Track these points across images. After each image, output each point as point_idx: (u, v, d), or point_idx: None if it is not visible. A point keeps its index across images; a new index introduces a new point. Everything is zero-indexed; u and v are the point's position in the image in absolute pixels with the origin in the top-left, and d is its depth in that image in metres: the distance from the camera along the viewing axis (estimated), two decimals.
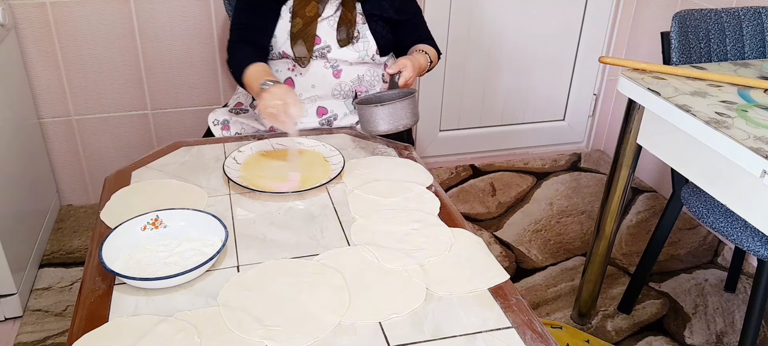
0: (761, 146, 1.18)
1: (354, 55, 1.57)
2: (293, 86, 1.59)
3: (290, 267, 1.05)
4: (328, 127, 1.61)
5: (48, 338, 1.75)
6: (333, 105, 1.61)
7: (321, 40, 1.55)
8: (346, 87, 1.59)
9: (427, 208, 1.23)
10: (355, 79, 1.59)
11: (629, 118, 1.58)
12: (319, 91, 1.59)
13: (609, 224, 1.73)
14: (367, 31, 1.57)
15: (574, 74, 2.79)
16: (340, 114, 1.61)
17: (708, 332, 1.86)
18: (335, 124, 1.62)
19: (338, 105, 1.61)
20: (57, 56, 2.12)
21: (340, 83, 1.58)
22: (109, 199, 1.23)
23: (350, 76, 1.59)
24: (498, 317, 0.96)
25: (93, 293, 0.99)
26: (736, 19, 1.69)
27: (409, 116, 1.41)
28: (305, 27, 1.53)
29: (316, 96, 1.59)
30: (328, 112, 1.60)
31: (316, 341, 0.90)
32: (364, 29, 1.57)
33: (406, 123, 1.41)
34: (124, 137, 2.31)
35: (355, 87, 1.60)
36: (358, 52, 1.57)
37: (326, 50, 1.55)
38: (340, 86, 1.59)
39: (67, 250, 2.12)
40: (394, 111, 1.39)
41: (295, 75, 1.58)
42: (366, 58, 1.58)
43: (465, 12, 2.50)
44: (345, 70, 1.58)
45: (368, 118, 1.40)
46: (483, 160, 2.79)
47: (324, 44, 1.55)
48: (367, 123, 1.41)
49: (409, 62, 1.49)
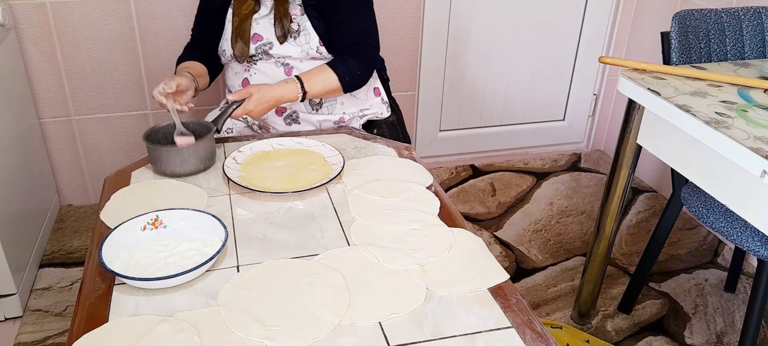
0: (761, 146, 1.18)
1: (296, 49, 1.53)
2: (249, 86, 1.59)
3: (290, 267, 1.05)
4: (296, 123, 1.62)
5: (48, 338, 1.75)
6: (291, 103, 1.58)
7: (262, 37, 1.54)
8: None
9: (427, 208, 1.23)
10: None
11: (629, 119, 1.58)
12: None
13: (609, 224, 1.73)
14: (308, 23, 1.52)
15: (574, 74, 2.79)
16: (299, 111, 1.60)
17: (708, 332, 1.86)
18: (301, 120, 1.62)
19: (296, 103, 1.58)
20: (57, 56, 2.12)
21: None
22: (109, 199, 1.23)
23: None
24: (498, 317, 0.96)
25: (93, 293, 0.99)
26: (736, 19, 1.69)
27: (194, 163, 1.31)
28: (241, 23, 1.53)
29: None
30: (288, 109, 1.60)
31: (316, 341, 0.90)
32: (304, 22, 1.52)
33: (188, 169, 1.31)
34: (124, 137, 2.31)
35: None
36: (300, 47, 1.53)
37: (268, 47, 1.54)
38: None
39: (67, 250, 2.12)
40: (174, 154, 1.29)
41: (250, 75, 1.58)
42: (311, 52, 1.53)
43: (465, 12, 2.50)
44: (296, 67, 1.56)
45: (150, 155, 1.32)
46: (483, 160, 2.79)
47: (265, 41, 1.54)
48: (151, 162, 1.33)
49: (256, 92, 1.40)
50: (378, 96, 1.71)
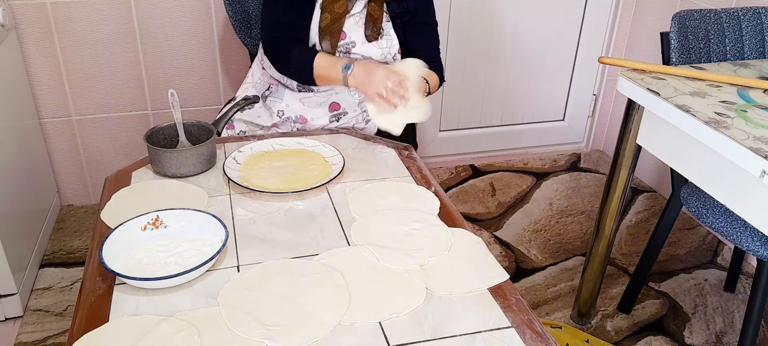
0: (761, 146, 1.18)
1: (378, 52, 1.57)
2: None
3: (290, 267, 1.05)
4: (336, 123, 1.63)
5: (48, 338, 1.76)
6: (346, 101, 1.62)
7: (346, 35, 1.55)
8: None
9: (427, 208, 1.23)
10: None
11: (629, 119, 1.58)
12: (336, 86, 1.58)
13: (609, 224, 1.73)
14: (391, 29, 1.58)
15: (573, 74, 2.79)
16: (349, 111, 1.62)
17: (707, 332, 1.86)
18: (343, 120, 1.63)
19: (351, 102, 1.62)
20: (57, 56, 2.12)
21: None
22: (109, 199, 1.23)
23: None
24: (498, 317, 0.96)
25: (93, 293, 0.99)
26: (736, 19, 1.70)
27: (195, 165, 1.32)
28: (333, 23, 1.53)
29: (332, 90, 1.60)
30: (340, 108, 1.62)
31: (316, 341, 0.90)
32: (388, 27, 1.58)
33: (189, 171, 1.32)
34: (125, 137, 2.31)
35: None
36: (382, 50, 1.57)
37: (351, 46, 1.56)
38: None
39: (67, 250, 2.12)
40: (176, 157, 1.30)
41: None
42: (388, 56, 1.59)
43: (465, 12, 2.50)
44: None
45: (151, 156, 1.33)
46: (483, 160, 2.80)
47: (349, 40, 1.55)
48: (151, 162, 1.34)
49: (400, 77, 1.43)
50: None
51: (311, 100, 1.61)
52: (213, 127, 1.39)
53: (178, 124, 1.38)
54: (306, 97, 1.61)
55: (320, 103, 1.61)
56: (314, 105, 1.61)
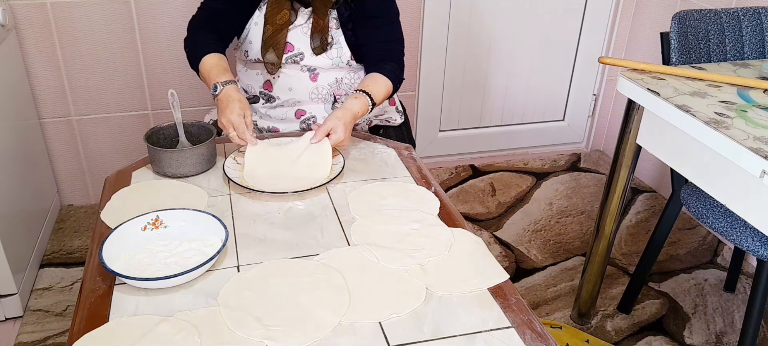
0: (761, 146, 1.18)
1: (327, 61, 1.54)
2: (271, 89, 1.59)
3: (290, 267, 1.05)
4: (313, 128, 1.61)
5: (48, 338, 1.76)
6: (311, 108, 1.60)
7: (293, 47, 1.53)
8: (324, 90, 1.58)
9: (427, 208, 1.23)
10: (332, 83, 1.58)
11: (629, 119, 1.58)
12: (297, 95, 1.58)
13: (608, 224, 1.73)
14: (341, 36, 1.54)
15: (573, 74, 2.79)
16: (318, 116, 1.60)
17: (707, 332, 1.86)
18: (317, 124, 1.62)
19: (317, 108, 1.60)
20: (57, 56, 2.12)
21: (318, 87, 1.57)
22: (109, 199, 1.23)
23: (328, 80, 1.57)
24: (498, 317, 0.96)
25: (93, 293, 0.99)
26: (736, 19, 1.70)
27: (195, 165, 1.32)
28: (275, 34, 1.51)
29: (293, 99, 1.58)
30: (307, 114, 1.60)
31: (316, 341, 0.90)
32: (338, 35, 1.54)
33: (189, 172, 1.31)
34: (124, 137, 2.31)
35: (334, 90, 1.59)
36: (332, 59, 1.54)
37: (299, 58, 1.54)
38: (318, 89, 1.57)
39: (67, 250, 2.12)
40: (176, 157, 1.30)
41: (274, 79, 1.58)
42: (341, 64, 1.56)
43: (465, 12, 2.50)
44: (322, 74, 1.57)
45: (151, 157, 1.33)
46: (483, 160, 2.80)
47: (297, 51, 1.53)
48: (151, 162, 1.34)
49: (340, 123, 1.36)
50: (393, 105, 1.73)
51: (276, 113, 1.61)
52: (213, 127, 1.39)
53: (178, 124, 1.39)
54: (270, 109, 1.61)
55: (282, 118, 1.60)
56: (278, 119, 1.61)
